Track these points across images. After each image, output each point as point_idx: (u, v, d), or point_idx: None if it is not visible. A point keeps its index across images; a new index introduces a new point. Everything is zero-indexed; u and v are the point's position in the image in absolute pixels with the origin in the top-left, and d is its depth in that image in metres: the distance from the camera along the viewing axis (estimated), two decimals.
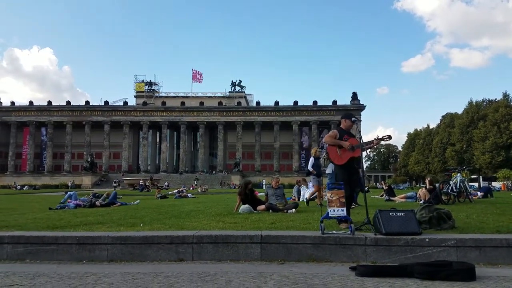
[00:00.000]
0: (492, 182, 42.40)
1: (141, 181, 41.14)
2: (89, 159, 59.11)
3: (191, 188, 39.63)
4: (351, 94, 64.71)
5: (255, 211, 8.07)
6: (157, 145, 70.97)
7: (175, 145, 71.30)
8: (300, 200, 14.17)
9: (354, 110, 59.22)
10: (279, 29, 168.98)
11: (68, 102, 67.24)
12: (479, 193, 15.91)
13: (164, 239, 4.54)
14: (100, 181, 58.37)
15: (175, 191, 22.67)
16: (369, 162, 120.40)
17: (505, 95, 59.44)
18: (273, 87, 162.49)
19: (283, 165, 64.34)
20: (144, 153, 66.12)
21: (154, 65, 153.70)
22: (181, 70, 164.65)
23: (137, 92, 75.96)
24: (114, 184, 47.66)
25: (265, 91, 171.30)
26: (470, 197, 11.97)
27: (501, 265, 4.01)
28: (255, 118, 64.06)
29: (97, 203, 12.00)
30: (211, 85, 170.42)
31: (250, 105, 72.27)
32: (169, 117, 64.73)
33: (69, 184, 53.76)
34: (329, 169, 7.81)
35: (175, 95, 75.22)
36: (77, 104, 67.76)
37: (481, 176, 49.88)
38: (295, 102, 64.80)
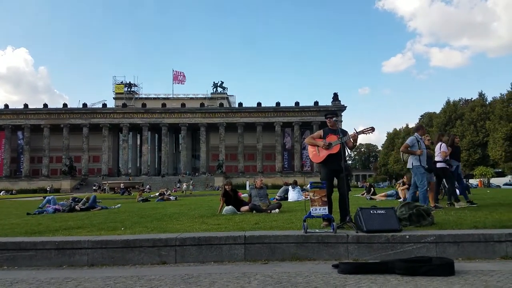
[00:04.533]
0: (469, 179, 43.75)
1: (121, 185, 40.48)
2: (67, 163, 57.71)
3: (173, 191, 39.24)
4: (332, 95, 65.58)
5: (238, 212, 8.07)
6: (138, 148, 69.92)
7: (156, 147, 70.39)
8: (289, 200, 14.23)
9: (335, 110, 59.98)
10: (260, 30, 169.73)
11: (45, 105, 65.43)
12: (457, 190, 16.34)
13: (146, 242, 4.47)
14: (79, 185, 57.06)
15: (157, 194, 22.40)
16: (350, 162, 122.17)
17: (481, 95, 61.48)
18: (255, 88, 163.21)
19: (267, 166, 64.50)
20: (125, 156, 64.97)
21: (134, 66, 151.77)
22: (162, 72, 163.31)
23: (117, 94, 74.68)
24: (101, 187, 46.66)
25: (247, 93, 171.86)
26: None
27: (478, 260, 4.13)
28: (237, 119, 64.01)
29: (76, 207, 11.73)
30: (192, 86, 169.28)
31: (232, 106, 72.14)
32: (150, 119, 63.89)
33: (47, 189, 52.31)
34: (409, 163, 7.72)
35: (156, 96, 74.39)
36: (54, 107, 65.93)
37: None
38: (277, 103, 65.12)
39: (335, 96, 65.16)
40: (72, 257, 4.45)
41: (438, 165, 8.83)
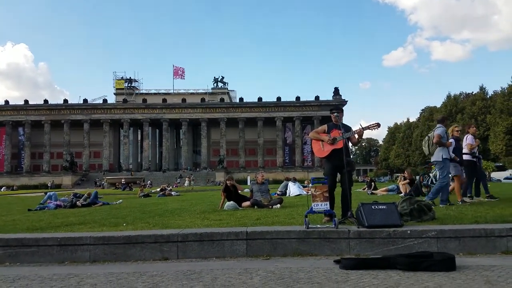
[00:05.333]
0: None
1: (123, 180, 40.56)
2: (68, 159, 57.83)
3: (174, 186, 39.30)
4: (333, 90, 65.39)
5: (240, 208, 8.08)
6: (139, 143, 69.98)
7: (157, 142, 70.44)
8: (287, 195, 14.29)
9: (339, 105, 59.83)
10: (261, 25, 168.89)
11: (46, 101, 65.39)
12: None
13: (148, 238, 4.49)
14: (80, 181, 57.24)
15: (158, 189, 22.46)
16: (351, 156, 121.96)
17: (482, 88, 61.28)
18: (256, 83, 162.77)
19: (268, 161, 64.56)
20: (126, 152, 65.07)
21: (134, 61, 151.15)
22: (162, 67, 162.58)
23: (117, 89, 74.64)
24: (99, 183, 46.77)
25: (248, 88, 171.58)
26: (449, 188, 12.30)
27: (479, 255, 4.14)
28: (238, 114, 63.97)
29: (78, 203, 11.76)
30: (193, 81, 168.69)
31: (233, 101, 72.15)
32: (151, 114, 63.85)
33: (48, 185, 52.46)
34: (437, 156, 7.47)
35: (157, 92, 74.33)
36: (55, 103, 66.00)
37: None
38: (278, 98, 65.02)
39: (336, 91, 65.00)
40: (74, 253, 4.47)
41: (465, 157, 8.55)
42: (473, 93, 63.89)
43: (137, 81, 76.17)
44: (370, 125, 5.33)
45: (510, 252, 4.17)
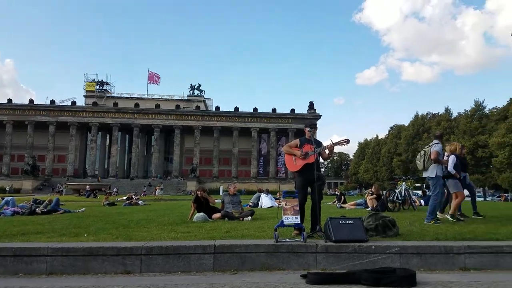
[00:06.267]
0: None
1: (87, 187, 39.09)
2: (30, 162, 55.12)
3: (143, 195, 38.24)
4: (308, 104, 66.74)
5: (210, 219, 7.96)
6: (107, 149, 67.88)
7: (126, 148, 68.65)
8: (260, 207, 14.26)
9: (310, 119, 60.89)
10: (239, 36, 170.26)
11: (10, 100, 62.37)
12: (422, 201, 16.96)
13: (110, 250, 4.31)
14: (42, 186, 54.58)
15: (124, 198, 21.78)
16: (322, 170, 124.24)
17: (447, 110, 64.43)
18: (233, 93, 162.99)
19: (242, 171, 64.44)
20: (92, 157, 62.95)
21: (107, 64, 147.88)
22: (137, 72, 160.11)
23: (87, 91, 72.37)
24: (57, 189, 44.76)
25: (224, 97, 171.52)
26: (413, 204, 12.73)
27: (439, 271, 4.27)
28: (214, 123, 63.68)
29: (37, 210, 11.18)
30: (168, 88, 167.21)
31: (209, 110, 71.71)
32: (122, 119, 62.26)
33: (7, 189, 49.53)
34: (431, 172, 7.38)
35: (129, 96, 72.70)
36: (19, 102, 63.09)
37: (424, 185, 53.27)
38: (255, 109, 65.41)
39: (311, 105, 66.38)
40: (29, 264, 4.22)
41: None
42: (439, 114, 66.99)
43: (109, 84, 74.30)
44: (340, 141, 5.47)
45: (467, 269, 4.33)
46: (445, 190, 8.27)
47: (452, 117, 62.17)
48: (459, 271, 4.28)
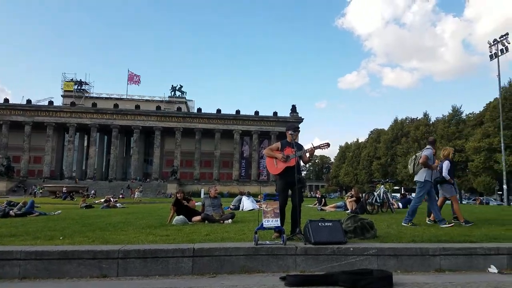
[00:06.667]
0: (413, 193, 46.48)
1: (64, 188, 38.06)
2: (5, 163, 53.21)
3: (121, 197, 37.55)
4: (291, 107, 67.15)
5: (190, 223, 7.88)
6: (85, 150, 66.33)
7: (105, 150, 67.17)
8: (241, 210, 14.22)
9: (293, 122, 61.39)
10: (222, 38, 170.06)
11: None
12: (400, 204, 17.33)
13: (86, 254, 4.21)
14: (17, 187, 52.78)
15: (102, 200, 21.32)
16: (304, 172, 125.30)
17: (425, 115, 66.21)
18: (216, 95, 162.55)
19: (223, 174, 64.13)
20: (69, 158, 61.30)
21: (86, 64, 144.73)
22: (117, 72, 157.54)
23: (65, 91, 70.62)
24: (31, 191, 43.34)
25: (207, 99, 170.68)
26: (391, 207, 13.00)
27: (415, 272, 4.37)
28: (195, 125, 63.16)
29: (11, 212, 10.81)
30: (149, 89, 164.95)
31: (191, 111, 71.11)
32: (100, 120, 61.01)
33: None
34: (420, 176, 7.41)
35: (108, 96, 71.31)
36: None
37: (402, 188, 54.45)
38: (237, 111, 65.33)
39: (294, 108, 66.83)
40: (1, 268, 4.07)
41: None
42: (418, 119, 68.68)
43: (88, 84, 72.69)
44: (321, 144, 5.54)
45: (442, 270, 4.44)
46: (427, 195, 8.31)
47: (431, 122, 63.88)
48: (434, 273, 4.39)
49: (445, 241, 5.02)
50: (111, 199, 21.11)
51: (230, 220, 7.99)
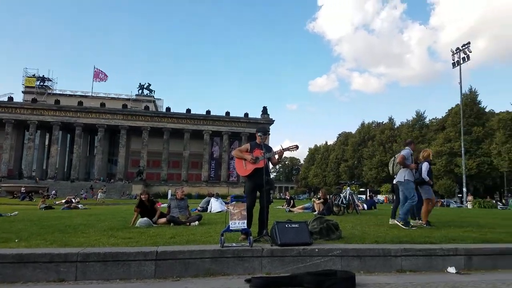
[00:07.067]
0: (378, 195, 48.09)
1: (22, 188, 36.13)
2: None
3: (84, 198, 36.15)
4: (262, 108, 67.51)
5: (154, 225, 7.68)
6: (46, 148, 63.33)
7: (67, 149, 64.44)
8: (209, 211, 14.03)
9: (263, 123, 61.71)
10: (193, 39, 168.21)
11: None
12: (365, 205, 17.84)
13: (43, 257, 3.99)
14: None
15: (63, 201, 20.42)
16: (274, 174, 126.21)
17: (390, 119, 68.76)
18: (185, 94, 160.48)
19: (192, 175, 63.21)
20: (29, 157, 58.29)
21: (49, 59, 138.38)
22: (82, 69, 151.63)
23: (27, 87, 67.20)
24: None
25: (176, 98, 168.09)
26: (357, 208, 13.34)
27: (377, 273, 4.47)
28: (164, 124, 61.86)
29: None
30: (116, 87, 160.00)
31: (159, 110, 69.65)
32: (63, 117, 58.45)
33: None
34: (400, 177, 7.41)
35: (72, 93, 68.59)
36: None
37: (368, 189, 56.17)
38: (208, 112, 64.73)
39: (265, 110, 67.14)
40: None
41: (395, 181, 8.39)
42: (383, 123, 71.14)
43: (51, 80, 69.54)
44: (290, 146, 5.55)
45: (404, 271, 4.57)
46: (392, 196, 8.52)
47: (395, 126, 66.39)
48: (396, 273, 4.51)
49: (406, 242, 5.18)
50: (73, 200, 20.27)
51: (196, 222, 7.86)
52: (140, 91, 73.09)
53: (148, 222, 7.57)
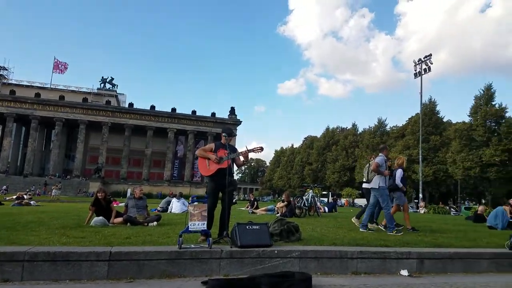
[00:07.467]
0: (339, 198, 49.38)
1: None
2: None
3: (37, 194, 34.23)
4: (230, 109, 67.16)
5: (110, 224, 7.39)
6: None
7: (22, 142, 60.75)
8: (169, 212, 13.69)
9: (231, 124, 61.39)
10: (161, 34, 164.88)
11: None
12: (326, 208, 18.24)
13: None
14: None
15: (14, 197, 19.22)
16: (240, 175, 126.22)
17: (354, 125, 70.97)
18: (150, 91, 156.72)
19: (154, 174, 61.56)
20: None
21: (4, 47, 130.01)
22: (42, 60, 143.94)
23: None
24: None
25: (140, 95, 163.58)
26: (318, 211, 13.60)
27: (334, 275, 4.56)
28: (126, 120, 59.73)
29: None
30: (77, 80, 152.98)
31: (121, 105, 67.33)
32: (19, 109, 54.96)
33: None
34: (374, 183, 7.45)
35: (30, 84, 64.78)
36: None
37: (331, 193, 57.63)
38: (173, 109, 63.29)
39: (232, 110, 66.75)
40: None
41: (364, 185, 8.66)
42: (347, 128, 73.25)
43: (6, 70, 65.28)
44: (255, 148, 5.51)
45: (359, 273, 4.70)
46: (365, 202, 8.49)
47: (358, 132, 68.57)
48: (351, 275, 4.62)
49: (362, 245, 5.32)
50: (24, 196, 19.12)
51: (155, 223, 7.64)
52: (102, 85, 70.21)
53: (104, 221, 7.27)
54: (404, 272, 4.80)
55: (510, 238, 5.92)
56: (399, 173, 8.03)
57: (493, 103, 44.66)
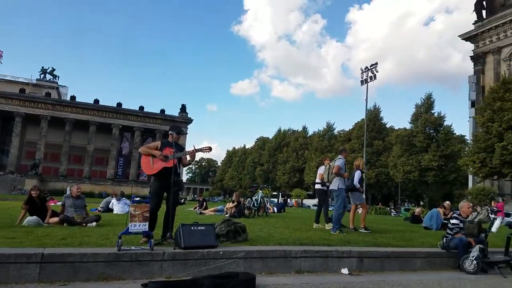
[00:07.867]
0: (290, 199, 50.44)
1: None
2: None
3: None
4: (180, 106, 65.59)
5: (45, 224, 6.88)
6: None
7: None
8: (115, 212, 13.01)
9: (181, 122, 60.13)
10: (109, 28, 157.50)
11: None
12: (275, 208, 18.51)
13: None
14: None
15: None
16: (190, 175, 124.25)
17: (304, 128, 72.97)
18: (94, 85, 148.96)
19: (96, 172, 58.45)
20: None
21: None
22: None
23: None
24: None
25: (84, 88, 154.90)
26: (267, 211, 13.76)
27: (278, 274, 4.62)
28: (67, 114, 56.02)
29: None
30: (14, 69, 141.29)
31: (62, 98, 63.12)
32: None
33: None
34: (334, 185, 7.56)
35: None
36: None
37: (281, 193, 58.63)
38: (119, 104, 60.46)
39: (183, 108, 65.29)
40: None
41: (317, 186, 9.20)
42: (298, 131, 75.05)
43: None
44: (203, 148, 5.37)
45: (302, 272, 4.80)
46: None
47: (308, 135, 70.60)
48: (295, 274, 4.71)
49: (306, 244, 5.45)
50: None
51: (94, 223, 7.22)
52: (42, 75, 65.27)
53: (38, 221, 6.76)
54: (345, 271, 4.99)
55: (443, 238, 6.38)
56: (357, 174, 8.39)
57: (433, 111, 48.17)
